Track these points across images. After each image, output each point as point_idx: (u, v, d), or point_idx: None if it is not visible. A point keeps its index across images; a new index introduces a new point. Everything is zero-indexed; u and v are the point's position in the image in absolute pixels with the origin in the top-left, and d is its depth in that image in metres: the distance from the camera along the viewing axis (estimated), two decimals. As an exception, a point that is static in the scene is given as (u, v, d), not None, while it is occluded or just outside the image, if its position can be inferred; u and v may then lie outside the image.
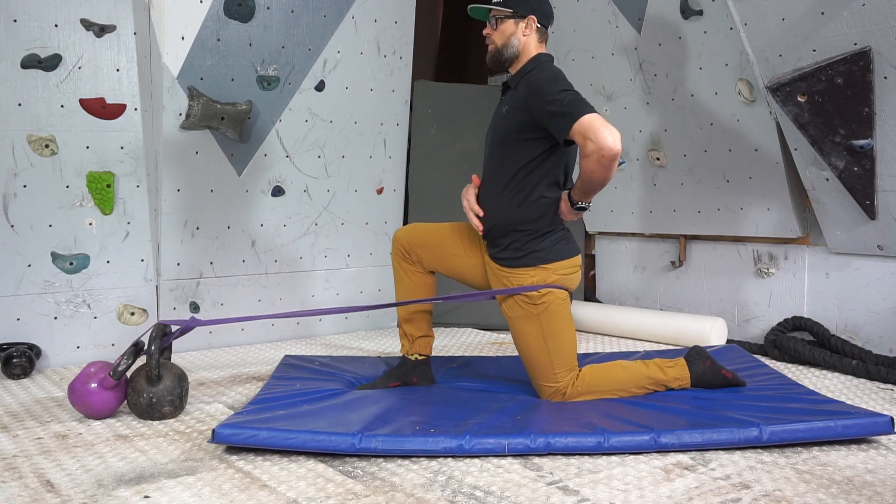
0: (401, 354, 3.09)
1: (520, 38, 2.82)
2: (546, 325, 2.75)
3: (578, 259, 2.85)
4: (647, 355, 3.35)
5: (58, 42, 3.43)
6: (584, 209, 2.74)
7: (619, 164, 4.36)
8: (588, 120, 2.50)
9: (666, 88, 4.01)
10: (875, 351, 3.47)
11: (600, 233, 4.77)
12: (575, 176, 2.79)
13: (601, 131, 2.47)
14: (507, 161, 2.79)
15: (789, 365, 3.54)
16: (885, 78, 3.13)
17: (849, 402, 2.87)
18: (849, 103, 3.24)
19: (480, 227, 2.85)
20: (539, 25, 2.82)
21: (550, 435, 2.34)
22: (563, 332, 2.77)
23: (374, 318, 4.48)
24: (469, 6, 2.90)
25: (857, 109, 3.22)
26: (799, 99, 3.37)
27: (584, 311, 4.43)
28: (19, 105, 3.39)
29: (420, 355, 3.03)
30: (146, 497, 2.04)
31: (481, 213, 2.84)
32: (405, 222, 4.53)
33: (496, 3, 2.83)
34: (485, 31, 2.89)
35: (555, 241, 2.79)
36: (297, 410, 2.59)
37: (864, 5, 3.06)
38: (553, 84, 2.66)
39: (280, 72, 3.89)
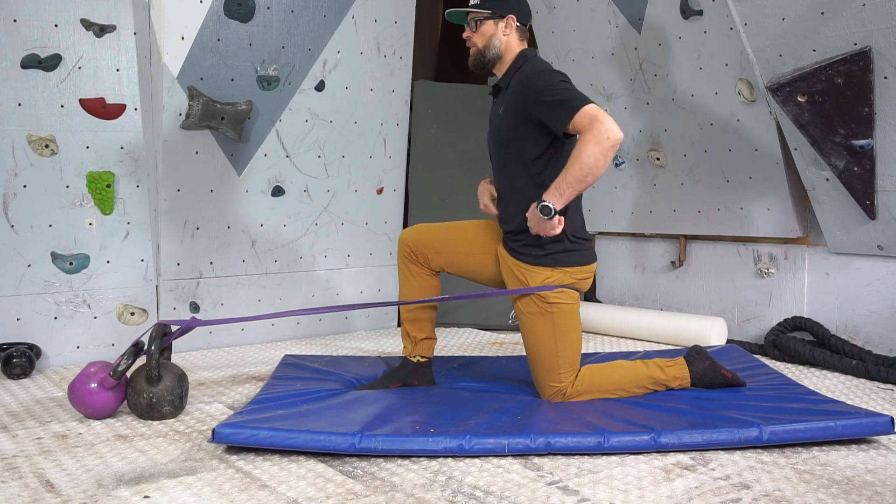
0: (402, 355, 3.09)
1: (500, 38, 2.82)
2: (558, 323, 2.75)
3: (595, 266, 2.86)
4: (647, 355, 3.35)
5: (58, 42, 3.43)
6: (549, 212, 2.57)
7: (619, 164, 4.37)
8: (593, 108, 2.53)
9: (666, 88, 4.00)
10: (875, 351, 3.47)
11: (600, 233, 4.77)
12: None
13: (606, 117, 2.51)
14: (514, 161, 2.78)
15: (789, 365, 3.54)
16: (885, 78, 3.13)
17: (849, 402, 2.87)
18: (849, 103, 3.23)
19: (495, 211, 2.91)
20: (518, 24, 2.83)
21: (550, 435, 2.34)
22: (573, 332, 2.79)
23: (375, 318, 4.48)
24: (446, 11, 2.90)
25: (857, 109, 3.22)
26: (799, 99, 3.37)
27: (584, 311, 4.42)
28: (19, 105, 3.39)
29: (422, 357, 3.02)
30: (146, 497, 2.04)
31: (495, 213, 2.91)
32: (405, 222, 4.53)
33: (473, 6, 2.83)
34: (465, 35, 2.89)
35: (576, 244, 2.78)
36: (297, 410, 2.59)
37: (864, 5, 3.06)
38: (548, 76, 2.66)
39: (280, 72, 3.89)
